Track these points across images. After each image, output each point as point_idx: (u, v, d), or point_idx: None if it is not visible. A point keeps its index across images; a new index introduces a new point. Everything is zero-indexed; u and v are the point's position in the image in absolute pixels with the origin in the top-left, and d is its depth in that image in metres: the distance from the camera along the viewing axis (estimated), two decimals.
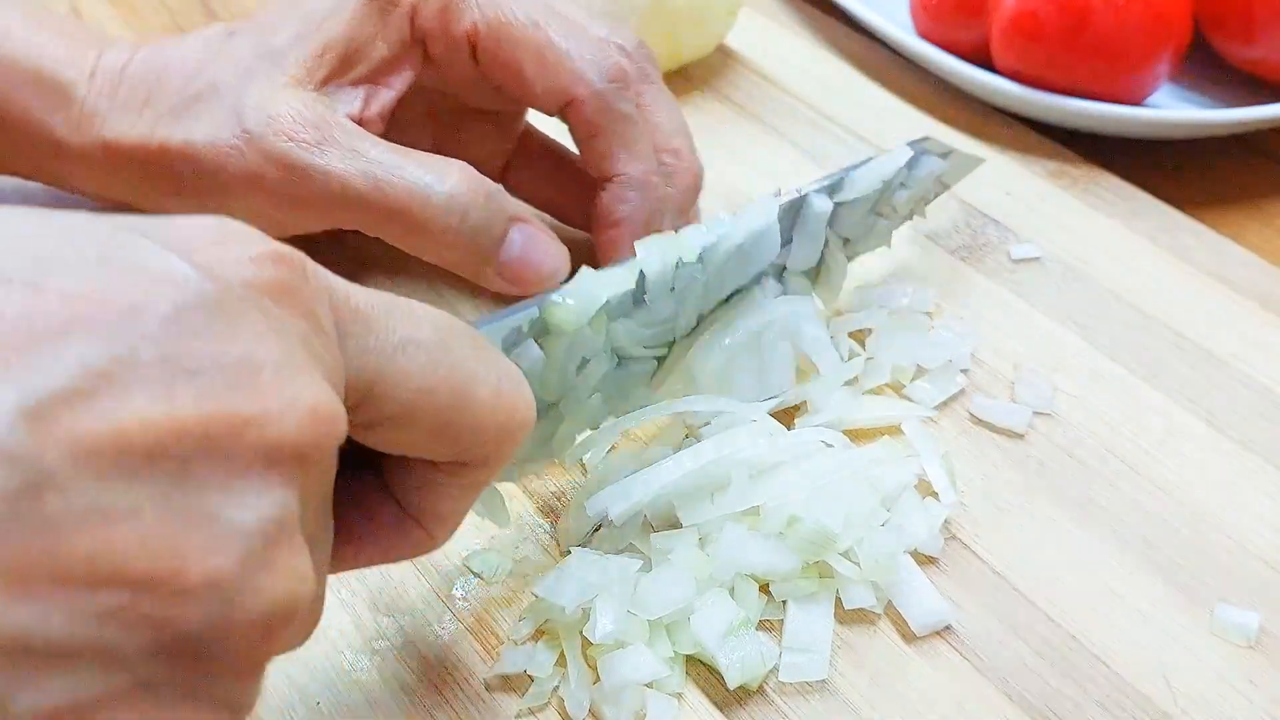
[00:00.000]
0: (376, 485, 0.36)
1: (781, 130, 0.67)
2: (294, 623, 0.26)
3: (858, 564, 0.43)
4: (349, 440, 0.30)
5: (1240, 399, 0.51)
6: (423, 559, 0.45)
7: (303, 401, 0.26)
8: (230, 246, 0.27)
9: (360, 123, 0.50)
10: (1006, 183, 0.63)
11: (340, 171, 0.48)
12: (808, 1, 0.78)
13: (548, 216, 0.58)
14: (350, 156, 0.48)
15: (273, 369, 0.25)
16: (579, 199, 0.55)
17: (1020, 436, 0.49)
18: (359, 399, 0.30)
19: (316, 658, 0.42)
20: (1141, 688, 0.41)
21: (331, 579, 0.45)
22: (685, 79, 0.70)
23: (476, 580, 0.44)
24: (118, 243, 0.25)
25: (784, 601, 0.43)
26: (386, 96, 0.51)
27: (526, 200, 0.58)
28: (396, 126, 0.53)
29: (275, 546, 0.25)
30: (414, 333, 0.31)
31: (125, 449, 0.23)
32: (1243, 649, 0.42)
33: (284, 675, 0.42)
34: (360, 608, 0.44)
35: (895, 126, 0.67)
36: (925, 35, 0.70)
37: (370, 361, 0.30)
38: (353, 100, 0.50)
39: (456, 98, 0.55)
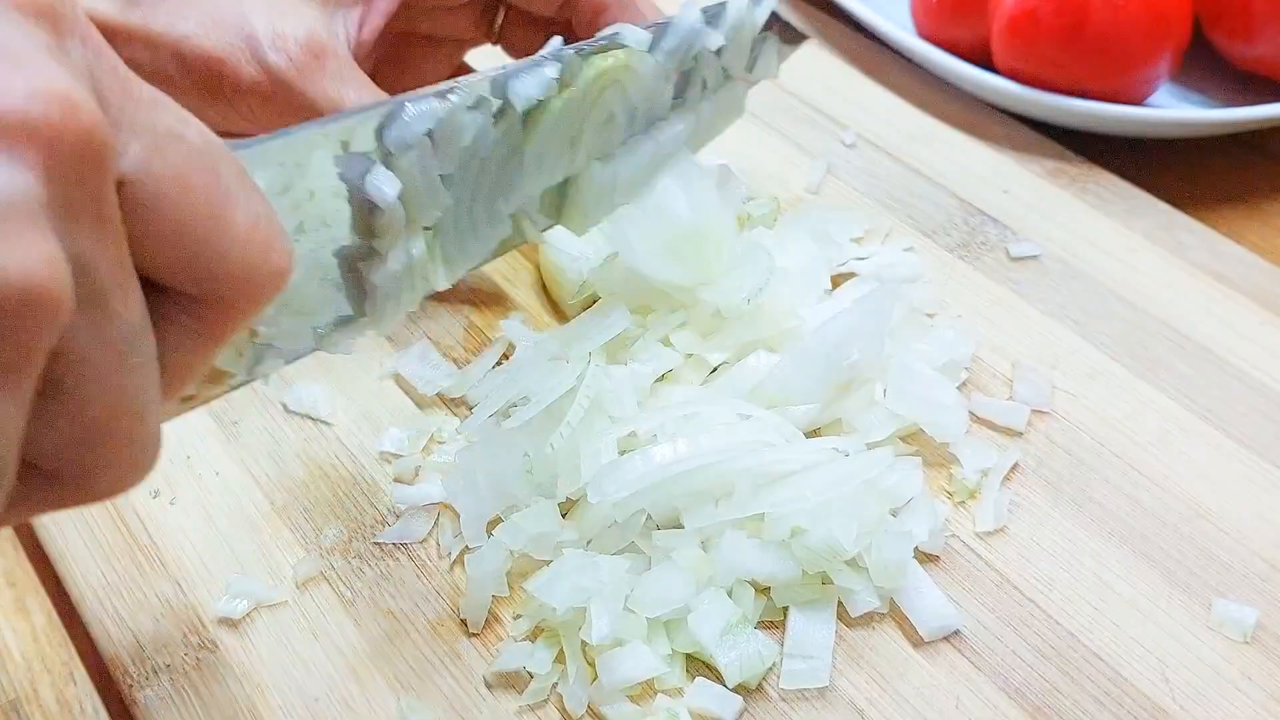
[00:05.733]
0: None
1: (782, 129, 0.67)
2: (42, 322, 0.24)
3: (865, 569, 0.43)
4: None
5: (1238, 396, 0.51)
6: (423, 559, 0.45)
7: (47, 87, 0.25)
8: None
9: (356, 44, 0.52)
10: (1005, 181, 0.63)
11: (322, 103, 0.50)
12: (807, 1, 0.78)
13: None
14: (332, 90, 0.50)
15: (14, 58, 0.25)
16: None
17: (1019, 434, 0.50)
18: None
19: (316, 656, 0.43)
20: (1139, 684, 0.41)
21: (333, 579, 0.45)
22: None
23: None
24: None
25: (784, 607, 0.43)
26: (377, 19, 0.53)
27: None
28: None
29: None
30: (181, 129, 0.30)
31: None
32: (1240, 644, 0.42)
33: (284, 672, 0.42)
34: (360, 605, 0.44)
35: (895, 126, 0.67)
36: (925, 35, 0.70)
37: (128, 130, 0.29)
38: (349, 20, 0.52)
39: (411, 22, 0.56)
